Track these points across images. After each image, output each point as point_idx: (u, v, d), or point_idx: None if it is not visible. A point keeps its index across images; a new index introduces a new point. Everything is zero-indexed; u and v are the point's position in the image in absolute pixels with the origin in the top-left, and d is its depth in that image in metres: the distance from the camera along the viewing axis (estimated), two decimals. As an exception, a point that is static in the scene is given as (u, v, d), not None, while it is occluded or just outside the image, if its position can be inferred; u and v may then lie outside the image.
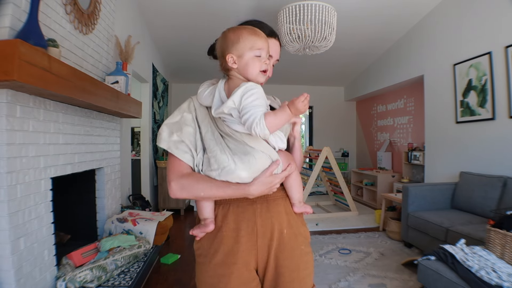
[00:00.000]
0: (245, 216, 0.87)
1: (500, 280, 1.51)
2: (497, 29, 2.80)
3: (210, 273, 0.87)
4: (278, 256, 0.87)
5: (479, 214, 2.65)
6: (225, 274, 0.85)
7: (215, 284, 0.86)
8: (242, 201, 0.88)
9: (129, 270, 2.00)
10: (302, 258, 0.90)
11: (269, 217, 0.88)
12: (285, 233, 0.88)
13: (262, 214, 0.87)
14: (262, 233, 0.87)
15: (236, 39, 0.84)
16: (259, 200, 0.88)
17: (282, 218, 0.89)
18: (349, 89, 6.30)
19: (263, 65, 0.85)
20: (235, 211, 0.87)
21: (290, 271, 0.87)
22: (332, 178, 4.72)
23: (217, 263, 0.86)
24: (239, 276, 0.85)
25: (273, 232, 0.87)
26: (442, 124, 3.55)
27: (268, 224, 0.87)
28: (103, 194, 2.43)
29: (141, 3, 3.38)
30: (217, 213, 0.89)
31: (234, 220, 0.87)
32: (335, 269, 2.51)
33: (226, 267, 0.85)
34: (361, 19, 3.75)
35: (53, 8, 1.70)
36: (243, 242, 0.86)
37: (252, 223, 0.87)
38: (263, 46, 0.84)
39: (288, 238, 0.89)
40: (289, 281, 0.87)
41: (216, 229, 0.88)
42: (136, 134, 5.30)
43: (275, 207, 0.89)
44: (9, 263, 1.39)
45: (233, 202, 0.88)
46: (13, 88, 1.37)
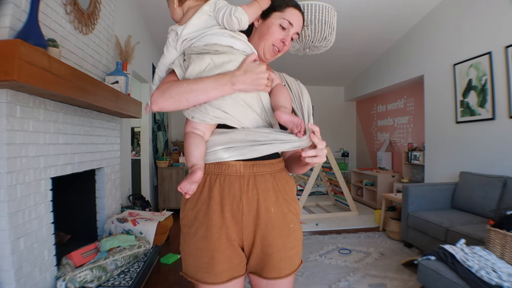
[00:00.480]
0: (231, 191, 0.84)
1: (500, 280, 1.51)
2: (497, 29, 2.80)
3: (195, 245, 0.86)
4: (266, 235, 0.85)
5: (479, 214, 2.65)
6: (209, 248, 0.84)
7: (199, 257, 0.86)
8: (229, 174, 0.85)
9: (129, 270, 2.00)
10: (290, 237, 0.88)
11: (255, 194, 0.85)
12: (273, 211, 0.85)
13: (249, 191, 0.84)
14: (247, 210, 0.84)
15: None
16: (247, 174, 0.85)
17: (269, 195, 0.86)
18: (349, 89, 6.30)
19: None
20: (222, 184, 0.84)
21: (278, 251, 0.86)
22: (332, 178, 4.72)
23: (202, 236, 0.85)
24: (222, 252, 0.84)
25: (260, 210, 0.85)
26: (442, 124, 3.55)
27: (254, 202, 0.84)
28: (103, 194, 2.43)
29: (141, 3, 3.38)
30: (204, 185, 0.86)
31: (220, 194, 0.84)
32: (335, 269, 2.51)
33: (210, 241, 0.84)
34: (361, 19, 3.75)
35: (53, 8, 1.70)
36: (227, 218, 0.84)
37: (238, 199, 0.84)
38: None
39: (275, 217, 0.86)
40: (277, 260, 0.86)
41: (202, 201, 0.86)
42: (136, 134, 5.30)
43: (262, 183, 0.86)
44: (9, 263, 1.39)
45: (221, 174, 0.85)
46: (13, 88, 1.37)
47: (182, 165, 4.48)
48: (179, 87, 0.81)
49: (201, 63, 0.83)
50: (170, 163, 4.57)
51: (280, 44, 0.93)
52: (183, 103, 0.81)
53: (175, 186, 4.38)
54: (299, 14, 0.94)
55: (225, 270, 0.85)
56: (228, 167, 0.85)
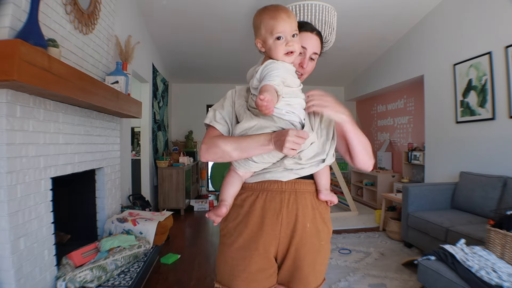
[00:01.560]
0: (272, 205, 0.90)
1: (500, 280, 1.51)
2: (497, 29, 2.80)
3: (231, 255, 0.91)
4: (299, 249, 0.90)
5: (479, 214, 2.65)
6: (245, 257, 0.90)
7: (235, 266, 0.91)
8: (272, 190, 0.91)
9: (129, 270, 2.00)
10: (320, 254, 0.93)
11: (295, 209, 0.90)
12: (308, 227, 0.91)
13: (289, 205, 0.90)
14: (286, 223, 0.90)
15: (259, 24, 0.88)
16: (288, 190, 0.91)
17: (307, 211, 0.92)
18: (349, 89, 6.30)
19: (286, 47, 0.86)
20: (264, 198, 0.91)
21: (308, 265, 0.91)
22: (332, 178, 4.72)
23: (239, 246, 0.91)
24: (257, 262, 0.89)
25: (297, 224, 0.90)
26: (442, 124, 3.55)
27: (293, 216, 0.90)
28: (103, 194, 2.43)
29: (141, 3, 3.38)
30: (246, 199, 0.93)
31: (262, 207, 0.90)
32: (335, 269, 2.51)
33: (247, 251, 0.90)
34: (361, 19, 3.75)
35: (53, 8, 1.70)
36: (266, 230, 0.89)
37: (278, 212, 0.89)
38: (283, 29, 0.85)
39: (310, 232, 0.91)
40: (306, 274, 0.91)
41: (243, 214, 0.92)
42: (136, 134, 5.30)
43: (302, 200, 0.91)
44: (9, 263, 1.39)
45: (263, 190, 0.91)
46: (13, 88, 1.37)
47: (182, 165, 4.48)
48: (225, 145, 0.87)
49: (250, 123, 0.87)
50: (170, 163, 4.57)
51: (300, 69, 0.97)
52: (227, 159, 0.90)
53: (175, 186, 4.38)
54: (311, 35, 0.97)
55: (258, 280, 0.90)
56: (271, 184, 0.91)
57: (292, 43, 0.87)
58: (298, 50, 0.90)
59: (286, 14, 0.86)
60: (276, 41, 0.86)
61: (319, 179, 0.95)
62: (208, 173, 6.29)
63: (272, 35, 0.86)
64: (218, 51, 4.59)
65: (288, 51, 0.87)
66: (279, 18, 0.85)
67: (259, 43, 0.90)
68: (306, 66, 0.97)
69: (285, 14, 0.86)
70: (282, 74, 0.83)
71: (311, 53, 0.98)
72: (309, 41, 0.97)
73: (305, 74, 1.00)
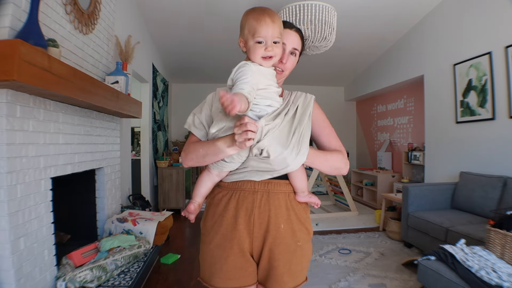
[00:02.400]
0: (244, 205, 0.91)
1: (500, 280, 1.51)
2: (497, 29, 2.80)
3: (210, 253, 0.94)
4: (273, 249, 0.91)
5: (479, 214, 2.65)
6: (222, 256, 0.92)
7: (212, 264, 0.93)
8: (244, 190, 0.92)
9: (129, 270, 2.00)
10: (296, 253, 0.93)
11: (267, 210, 0.91)
12: (282, 227, 0.91)
13: (261, 205, 0.91)
14: (258, 223, 0.91)
15: (243, 24, 0.89)
16: (260, 190, 0.91)
17: (281, 212, 0.92)
18: (349, 89, 6.30)
19: (265, 52, 0.86)
20: (237, 198, 0.92)
21: (283, 265, 0.92)
22: (332, 178, 4.72)
23: (216, 244, 0.93)
24: (234, 260, 0.91)
25: (269, 225, 0.91)
26: (442, 124, 3.55)
27: (265, 216, 0.91)
28: (103, 194, 2.43)
29: (141, 3, 3.38)
30: (222, 198, 0.95)
31: (235, 207, 0.92)
32: (335, 269, 2.51)
33: (223, 250, 0.92)
34: (361, 19, 3.75)
35: (53, 8, 1.70)
36: (240, 229, 0.91)
37: (250, 212, 0.91)
38: (265, 34, 0.85)
39: (285, 233, 0.91)
40: (281, 274, 0.92)
41: (218, 213, 0.94)
42: (136, 134, 5.30)
43: (275, 201, 0.92)
44: (9, 263, 1.39)
45: (236, 190, 0.93)
46: (13, 88, 1.37)
47: (182, 165, 4.47)
48: (197, 152, 0.91)
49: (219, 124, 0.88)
50: (170, 163, 4.57)
51: (280, 64, 0.96)
52: (203, 164, 0.92)
53: (175, 186, 4.39)
54: (290, 31, 0.97)
55: (236, 278, 0.92)
56: (244, 184, 0.92)
57: (272, 48, 0.87)
58: (278, 56, 0.90)
59: (270, 19, 0.85)
60: (256, 44, 0.86)
61: (293, 181, 0.95)
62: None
63: (253, 38, 0.86)
64: (218, 51, 4.59)
65: (266, 56, 0.87)
66: (263, 22, 0.85)
67: (241, 43, 0.91)
68: (286, 61, 0.96)
69: (269, 19, 0.85)
70: (253, 79, 0.83)
71: (290, 48, 0.97)
72: (288, 36, 0.97)
73: (286, 70, 0.99)
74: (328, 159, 0.94)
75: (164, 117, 5.19)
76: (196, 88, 6.07)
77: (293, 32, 0.98)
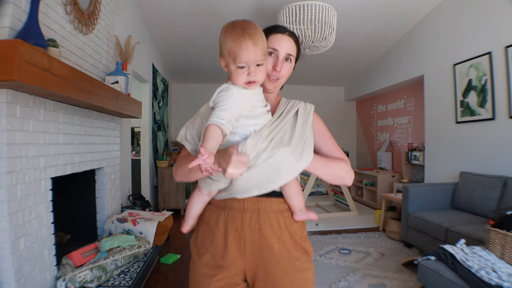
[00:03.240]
0: (233, 224, 0.87)
1: (500, 280, 1.51)
2: (497, 29, 2.80)
3: (197, 271, 0.90)
4: (270, 270, 0.86)
5: (479, 214, 2.65)
6: (209, 275, 0.87)
7: (199, 283, 0.88)
8: (233, 208, 0.88)
9: (129, 270, 2.00)
10: (297, 275, 0.87)
11: (258, 229, 0.86)
12: (276, 248, 0.86)
13: (251, 225, 0.86)
14: (250, 242, 0.86)
15: (223, 44, 0.82)
16: (250, 209, 0.87)
17: (273, 231, 0.87)
18: (349, 89, 6.30)
19: (248, 77, 0.81)
20: (226, 216, 0.88)
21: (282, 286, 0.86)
22: (332, 178, 4.71)
23: (204, 263, 0.88)
24: (220, 280, 0.86)
25: (262, 245, 0.86)
26: (442, 124, 3.55)
27: (256, 235, 0.86)
28: (103, 194, 2.43)
29: (141, 3, 3.38)
30: (211, 216, 0.91)
31: (224, 226, 0.88)
32: (335, 269, 2.51)
33: (212, 268, 0.87)
34: (361, 19, 3.75)
35: (53, 8, 1.70)
36: (231, 249, 0.86)
37: (240, 231, 0.86)
38: (247, 59, 0.79)
39: (279, 254, 0.86)
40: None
41: (208, 231, 0.91)
42: (136, 134, 5.30)
43: (265, 220, 0.87)
44: (9, 263, 1.39)
45: (225, 208, 0.89)
46: (13, 88, 1.37)
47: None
48: (184, 168, 0.87)
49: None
50: (170, 163, 4.57)
51: (274, 72, 0.90)
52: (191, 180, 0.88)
53: (175, 186, 4.38)
54: (283, 36, 0.92)
55: None
56: (232, 202, 0.88)
57: (255, 73, 0.81)
58: (261, 80, 0.85)
59: (252, 42, 0.78)
60: (238, 69, 0.80)
61: (289, 200, 0.90)
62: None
63: (234, 62, 0.80)
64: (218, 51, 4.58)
65: (249, 81, 0.82)
66: (244, 46, 0.78)
67: (222, 63, 0.85)
68: (280, 68, 0.90)
69: (251, 42, 0.78)
70: (234, 107, 0.79)
71: (284, 54, 0.91)
72: (280, 42, 0.91)
73: (281, 78, 0.92)
74: (330, 166, 0.90)
75: (164, 117, 5.19)
76: (196, 88, 6.07)
77: (286, 37, 0.92)
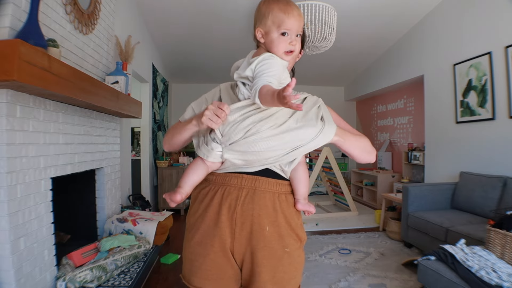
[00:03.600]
0: (228, 201, 0.84)
1: (500, 280, 1.51)
2: (497, 29, 2.80)
3: (190, 249, 0.89)
4: (256, 252, 0.83)
5: (479, 214, 2.65)
6: (201, 253, 0.86)
7: (193, 261, 0.88)
8: (230, 185, 0.86)
9: (129, 270, 2.00)
10: (283, 261, 0.85)
11: (251, 209, 0.84)
12: (267, 230, 0.83)
13: (244, 203, 0.84)
14: (240, 222, 0.83)
15: (266, 13, 0.83)
16: (246, 187, 0.85)
17: (266, 213, 0.84)
18: (349, 89, 6.30)
19: (289, 46, 0.82)
20: (222, 193, 0.86)
21: (266, 271, 0.84)
22: (332, 178, 4.72)
23: (197, 241, 0.87)
24: (214, 259, 0.85)
25: (253, 225, 0.83)
26: (442, 124, 3.55)
27: (248, 216, 0.83)
28: (103, 194, 2.43)
29: (141, 3, 3.38)
30: (207, 193, 0.88)
31: (219, 203, 0.85)
32: (335, 269, 2.51)
33: (203, 247, 0.86)
34: (361, 19, 3.75)
35: (53, 8, 1.70)
36: (222, 227, 0.84)
37: (233, 209, 0.84)
38: (291, 27, 0.81)
39: (270, 237, 0.84)
40: (263, 281, 0.84)
41: (202, 208, 0.88)
42: (136, 134, 5.30)
43: (260, 200, 0.84)
44: (9, 263, 1.39)
45: (223, 185, 0.87)
46: (13, 88, 1.37)
47: (182, 165, 4.48)
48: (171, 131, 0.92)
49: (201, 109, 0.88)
50: (170, 163, 4.57)
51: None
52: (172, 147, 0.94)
53: (175, 186, 4.36)
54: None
55: (214, 279, 0.86)
56: (231, 178, 0.86)
57: (295, 43, 0.83)
58: (297, 52, 0.86)
59: (297, 12, 0.82)
60: (280, 36, 0.82)
61: (297, 185, 0.89)
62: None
63: (278, 29, 0.81)
64: (218, 51, 4.59)
65: (289, 50, 0.83)
66: (291, 14, 0.81)
67: (259, 33, 0.84)
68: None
69: (297, 12, 0.82)
70: (279, 73, 0.80)
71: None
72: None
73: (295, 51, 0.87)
74: (358, 139, 0.88)
75: (164, 117, 5.19)
76: (196, 88, 6.07)
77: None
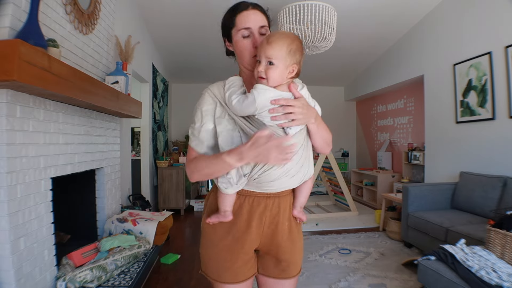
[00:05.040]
0: (258, 209, 0.94)
1: (500, 280, 1.51)
2: (497, 29, 2.80)
3: (218, 252, 0.96)
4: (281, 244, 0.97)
5: (479, 214, 2.65)
6: (231, 259, 0.95)
7: (221, 262, 0.96)
8: (257, 195, 0.94)
9: (129, 270, 2.00)
10: (297, 244, 1.02)
11: (277, 213, 0.96)
12: (287, 225, 0.99)
13: (272, 210, 0.95)
14: (268, 223, 0.96)
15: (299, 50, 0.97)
16: (273, 196, 0.95)
17: (286, 211, 0.98)
18: (349, 89, 6.30)
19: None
20: (250, 203, 0.94)
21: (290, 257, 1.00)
22: (332, 178, 4.72)
23: (226, 245, 0.95)
24: (242, 258, 0.96)
25: (278, 224, 0.96)
26: (442, 124, 3.55)
27: (275, 216, 0.96)
28: (103, 194, 2.43)
29: (141, 3, 3.38)
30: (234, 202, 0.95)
31: (248, 211, 0.94)
32: (335, 269, 2.51)
33: (234, 251, 0.95)
34: (361, 19, 3.75)
35: (53, 8, 1.70)
36: (252, 232, 0.94)
37: (262, 215, 0.94)
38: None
39: (288, 229, 0.99)
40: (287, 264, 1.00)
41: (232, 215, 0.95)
42: (136, 134, 5.30)
43: (283, 203, 0.97)
44: (9, 263, 1.39)
45: (250, 195, 0.94)
46: (13, 88, 1.37)
47: (182, 165, 4.48)
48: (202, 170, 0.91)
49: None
50: (170, 163, 4.57)
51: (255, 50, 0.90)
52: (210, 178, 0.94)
53: (175, 186, 4.38)
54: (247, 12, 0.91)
55: (243, 272, 0.98)
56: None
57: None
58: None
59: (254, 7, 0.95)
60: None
61: (299, 195, 1.00)
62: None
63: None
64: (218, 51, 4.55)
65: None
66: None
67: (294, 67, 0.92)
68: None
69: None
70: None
71: (257, 28, 0.91)
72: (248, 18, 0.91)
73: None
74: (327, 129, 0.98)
75: (164, 117, 5.19)
76: (196, 88, 6.04)
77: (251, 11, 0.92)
